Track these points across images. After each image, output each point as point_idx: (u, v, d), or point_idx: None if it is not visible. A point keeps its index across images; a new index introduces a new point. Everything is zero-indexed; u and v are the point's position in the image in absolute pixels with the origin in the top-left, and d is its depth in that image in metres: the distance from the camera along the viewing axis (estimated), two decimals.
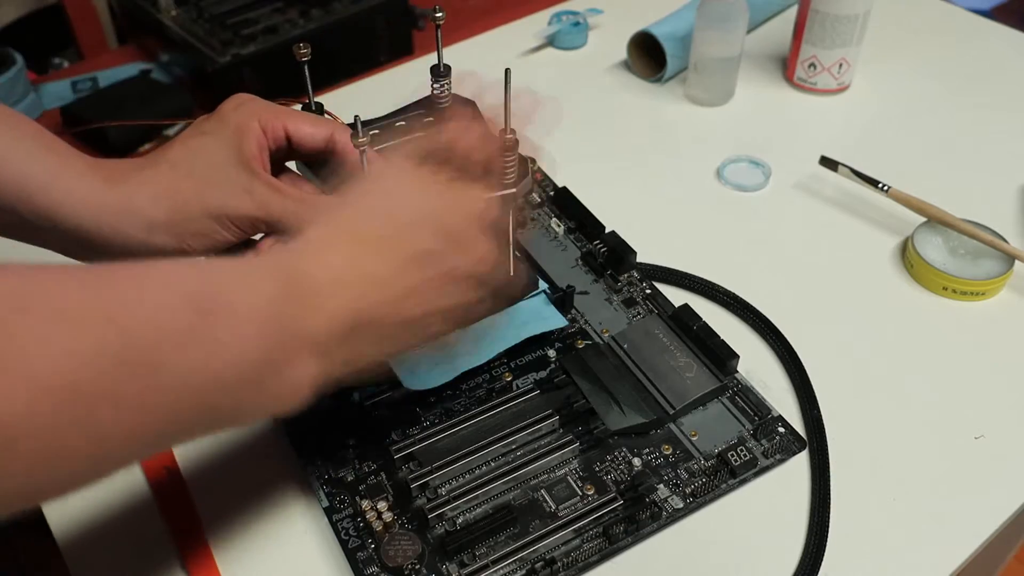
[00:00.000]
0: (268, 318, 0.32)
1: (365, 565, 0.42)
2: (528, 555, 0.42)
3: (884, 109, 0.73)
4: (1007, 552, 0.93)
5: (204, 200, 0.40)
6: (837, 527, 0.44)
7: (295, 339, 0.32)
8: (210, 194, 0.40)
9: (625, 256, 0.55)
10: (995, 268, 0.56)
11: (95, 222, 0.39)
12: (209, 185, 0.40)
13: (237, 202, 0.40)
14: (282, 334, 0.32)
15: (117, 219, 0.39)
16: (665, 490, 0.45)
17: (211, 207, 0.40)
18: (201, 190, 0.40)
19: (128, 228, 0.39)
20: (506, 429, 0.46)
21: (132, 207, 0.39)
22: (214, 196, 0.40)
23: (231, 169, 0.40)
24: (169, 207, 0.40)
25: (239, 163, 0.40)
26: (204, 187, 0.40)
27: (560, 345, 0.52)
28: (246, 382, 0.31)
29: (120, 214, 0.39)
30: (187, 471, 0.47)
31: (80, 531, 0.45)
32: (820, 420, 0.48)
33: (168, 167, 0.40)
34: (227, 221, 0.40)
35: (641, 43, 0.77)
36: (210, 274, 0.32)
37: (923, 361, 0.52)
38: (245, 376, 0.31)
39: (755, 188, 0.65)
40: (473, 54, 0.81)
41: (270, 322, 0.32)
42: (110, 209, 0.39)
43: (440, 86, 0.50)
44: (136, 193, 0.40)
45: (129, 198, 0.39)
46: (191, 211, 0.40)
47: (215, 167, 0.40)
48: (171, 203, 0.40)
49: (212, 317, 0.30)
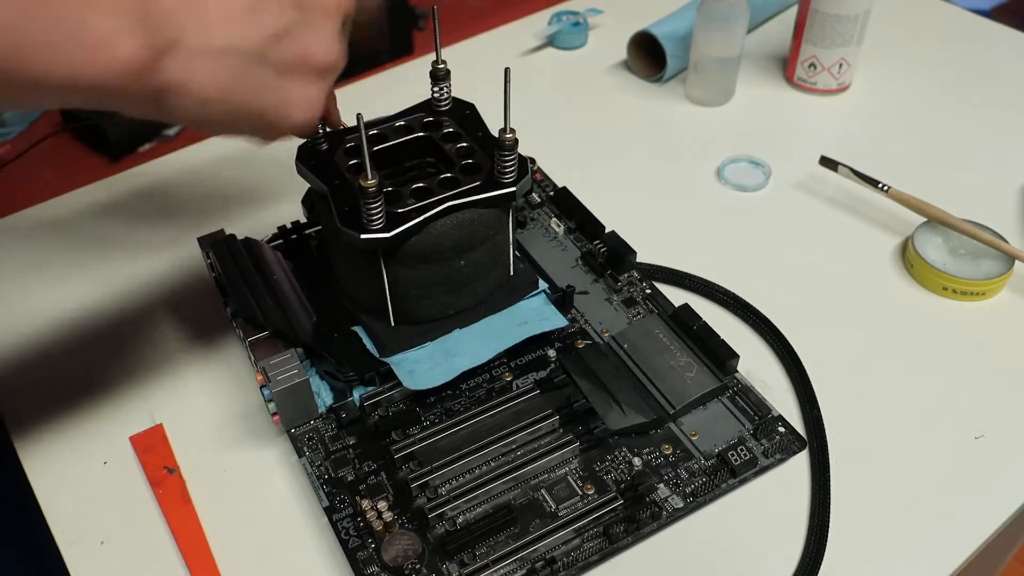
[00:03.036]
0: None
1: (365, 565, 0.42)
2: (528, 555, 0.42)
3: (884, 109, 0.74)
4: (1007, 552, 0.93)
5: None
6: (837, 527, 0.44)
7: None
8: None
9: (625, 256, 0.55)
10: (995, 268, 0.56)
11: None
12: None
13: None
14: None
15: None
16: (665, 490, 0.45)
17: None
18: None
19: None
20: (506, 429, 0.46)
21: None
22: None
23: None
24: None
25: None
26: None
27: (560, 345, 0.52)
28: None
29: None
30: (187, 471, 0.47)
31: (80, 531, 0.45)
32: (820, 420, 0.48)
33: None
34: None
35: (641, 43, 0.77)
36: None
37: (923, 361, 0.52)
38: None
39: (755, 188, 0.65)
40: (473, 54, 0.81)
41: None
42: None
43: (440, 90, 0.51)
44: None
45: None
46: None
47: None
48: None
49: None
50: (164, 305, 0.57)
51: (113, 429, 0.49)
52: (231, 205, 0.63)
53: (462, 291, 0.48)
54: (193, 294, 0.57)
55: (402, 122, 0.50)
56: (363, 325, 0.49)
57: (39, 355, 0.54)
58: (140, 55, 0.31)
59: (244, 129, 0.38)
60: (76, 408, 0.50)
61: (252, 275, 0.51)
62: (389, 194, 0.45)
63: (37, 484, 0.47)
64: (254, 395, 0.51)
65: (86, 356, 0.54)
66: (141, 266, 0.59)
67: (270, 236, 0.56)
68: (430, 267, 0.46)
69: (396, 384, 0.47)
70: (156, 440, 0.49)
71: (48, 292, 0.58)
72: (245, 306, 0.49)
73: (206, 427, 0.49)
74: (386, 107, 0.51)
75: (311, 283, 0.52)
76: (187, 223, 0.62)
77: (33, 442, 0.49)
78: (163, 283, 0.58)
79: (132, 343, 0.54)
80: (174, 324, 0.55)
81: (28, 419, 0.50)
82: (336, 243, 0.49)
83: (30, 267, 0.60)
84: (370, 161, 0.41)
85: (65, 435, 0.49)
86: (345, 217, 0.43)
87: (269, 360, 0.46)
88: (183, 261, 0.59)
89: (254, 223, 0.61)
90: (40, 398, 0.51)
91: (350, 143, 0.47)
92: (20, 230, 0.64)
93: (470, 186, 0.45)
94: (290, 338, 0.48)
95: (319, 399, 0.47)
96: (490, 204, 0.46)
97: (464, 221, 0.45)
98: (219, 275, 0.52)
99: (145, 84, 0.32)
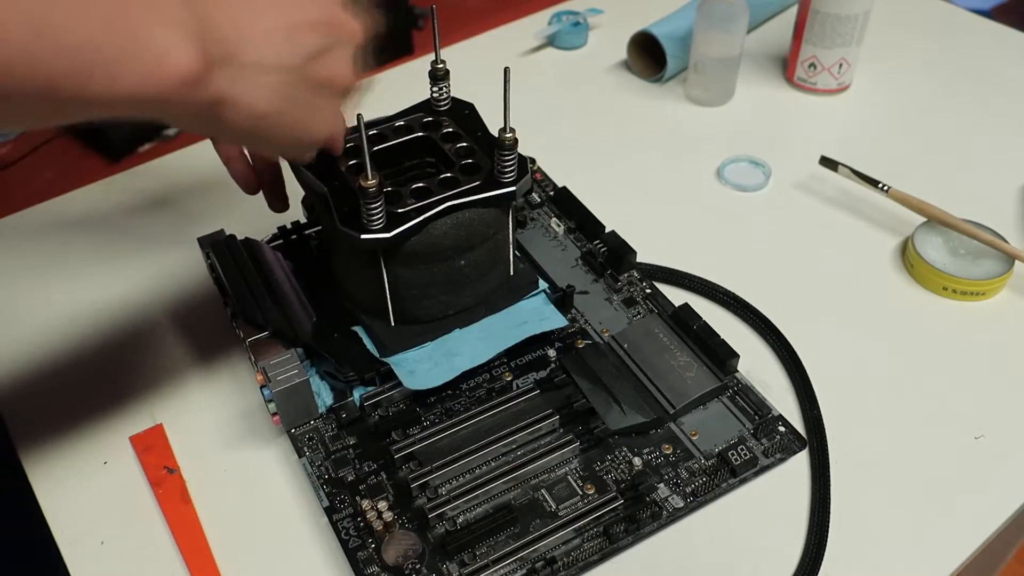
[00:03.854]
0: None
1: (365, 565, 0.42)
2: (528, 554, 0.42)
3: (884, 109, 0.74)
4: (1007, 552, 0.93)
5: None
6: (837, 527, 0.44)
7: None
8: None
9: (625, 256, 0.55)
10: (995, 268, 0.56)
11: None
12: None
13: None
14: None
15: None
16: (665, 489, 0.45)
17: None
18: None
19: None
20: (506, 429, 0.46)
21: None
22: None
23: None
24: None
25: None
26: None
27: (560, 345, 0.52)
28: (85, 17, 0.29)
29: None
30: (187, 471, 0.47)
31: (80, 531, 0.45)
32: (820, 420, 0.48)
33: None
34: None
35: (641, 43, 0.77)
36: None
37: (923, 361, 0.52)
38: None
39: (755, 188, 0.65)
40: (473, 54, 0.81)
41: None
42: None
43: (439, 89, 0.51)
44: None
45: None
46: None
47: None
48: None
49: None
50: (164, 305, 0.57)
51: (113, 429, 0.49)
52: (231, 205, 0.63)
53: (462, 291, 0.48)
54: (193, 294, 0.57)
55: (402, 122, 0.50)
56: (363, 325, 0.49)
57: (39, 355, 0.54)
58: (198, 67, 0.32)
59: (284, 143, 0.40)
60: (76, 408, 0.50)
61: (252, 275, 0.51)
62: (389, 194, 0.45)
63: (37, 484, 0.47)
64: (254, 395, 0.51)
65: (86, 356, 0.54)
66: (141, 266, 0.59)
67: (270, 236, 0.56)
68: (430, 267, 0.46)
69: (396, 384, 0.47)
70: (156, 440, 0.49)
71: (48, 292, 0.58)
72: (245, 306, 0.49)
73: (206, 427, 0.49)
74: (386, 107, 0.51)
75: (311, 283, 0.52)
76: (187, 223, 0.62)
77: (33, 442, 0.49)
78: (163, 283, 0.58)
79: (132, 343, 0.54)
80: (174, 324, 0.55)
81: (28, 419, 0.50)
82: (336, 243, 0.49)
83: (30, 267, 0.60)
84: (370, 161, 0.41)
85: (65, 435, 0.49)
86: (345, 217, 0.43)
87: (269, 360, 0.46)
88: (183, 261, 0.59)
89: (254, 223, 0.61)
90: (40, 398, 0.51)
91: (350, 143, 0.47)
92: (20, 230, 0.64)
93: (470, 186, 0.45)
94: (290, 338, 0.48)
95: (319, 399, 0.47)
96: (490, 204, 0.46)
97: (464, 221, 0.45)
98: (219, 275, 0.52)
99: (201, 96, 0.33)
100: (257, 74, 0.35)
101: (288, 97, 0.37)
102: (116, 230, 0.63)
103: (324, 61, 0.38)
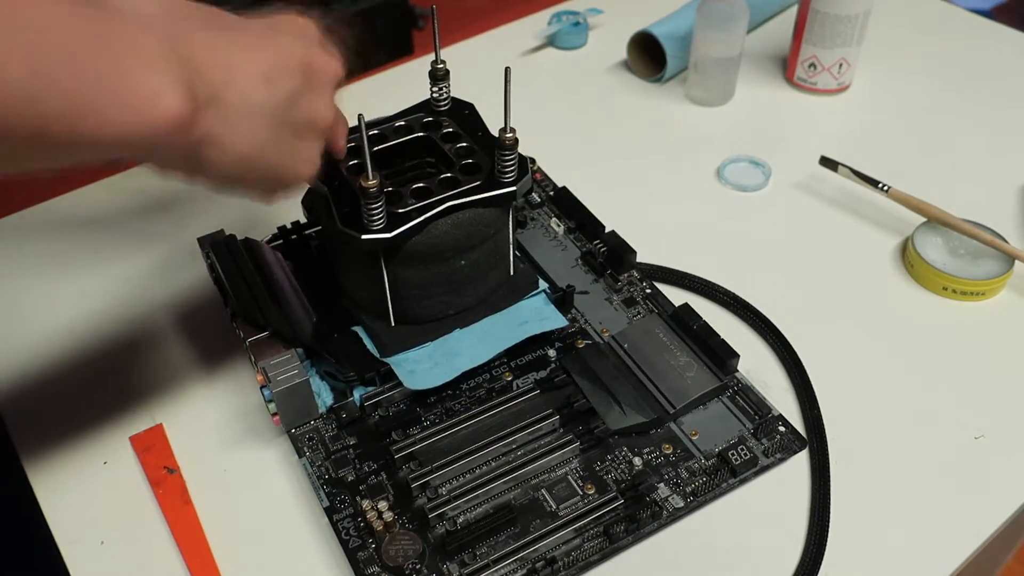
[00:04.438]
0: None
1: (365, 565, 0.42)
2: (529, 554, 0.42)
3: (884, 109, 0.74)
4: (1007, 552, 0.93)
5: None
6: (837, 527, 0.44)
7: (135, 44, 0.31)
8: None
9: (625, 256, 0.55)
10: (995, 268, 0.56)
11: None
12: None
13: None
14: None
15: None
16: (666, 489, 0.45)
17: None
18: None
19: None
20: (506, 429, 0.46)
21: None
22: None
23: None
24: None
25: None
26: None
27: (560, 345, 0.52)
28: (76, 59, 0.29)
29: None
30: (187, 471, 0.47)
31: (80, 531, 0.45)
32: (820, 420, 0.48)
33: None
34: None
35: (641, 43, 0.77)
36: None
37: (923, 361, 0.52)
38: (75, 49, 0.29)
39: (755, 188, 0.65)
40: (473, 54, 0.81)
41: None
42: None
43: (439, 89, 0.51)
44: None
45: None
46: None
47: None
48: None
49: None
50: (164, 305, 0.57)
51: (113, 429, 0.49)
52: (231, 205, 0.63)
53: (462, 291, 0.48)
54: (193, 294, 0.57)
55: (402, 122, 0.50)
56: (363, 325, 0.49)
57: (39, 355, 0.54)
58: (187, 109, 0.32)
59: (264, 184, 0.40)
60: (76, 408, 0.50)
61: (252, 275, 0.51)
62: (389, 194, 0.45)
63: (37, 484, 0.47)
64: (254, 395, 0.51)
65: (86, 356, 0.54)
66: (141, 266, 0.59)
67: (270, 236, 0.56)
68: (430, 267, 0.46)
69: (396, 384, 0.47)
70: (156, 440, 0.49)
71: (48, 292, 0.58)
72: (245, 306, 0.49)
73: (206, 427, 0.49)
74: (386, 107, 0.51)
75: (311, 283, 0.52)
76: (187, 223, 0.62)
77: (33, 442, 0.49)
78: (163, 283, 0.58)
79: (132, 343, 0.54)
80: (174, 324, 0.55)
81: (28, 419, 0.50)
82: (336, 243, 0.49)
83: (30, 267, 0.60)
84: (371, 161, 0.41)
85: (65, 435, 0.49)
86: (345, 217, 0.43)
87: (269, 360, 0.46)
88: (183, 261, 0.59)
89: (254, 223, 0.61)
90: (40, 398, 0.51)
91: (350, 143, 0.47)
92: (20, 230, 0.64)
93: (470, 186, 0.45)
94: (290, 338, 0.48)
95: (319, 399, 0.47)
96: (490, 204, 0.46)
97: (464, 221, 0.45)
98: (219, 275, 0.52)
99: (187, 138, 0.33)
100: (242, 115, 0.36)
101: (272, 137, 0.37)
102: (116, 230, 0.63)
103: (306, 101, 0.39)
